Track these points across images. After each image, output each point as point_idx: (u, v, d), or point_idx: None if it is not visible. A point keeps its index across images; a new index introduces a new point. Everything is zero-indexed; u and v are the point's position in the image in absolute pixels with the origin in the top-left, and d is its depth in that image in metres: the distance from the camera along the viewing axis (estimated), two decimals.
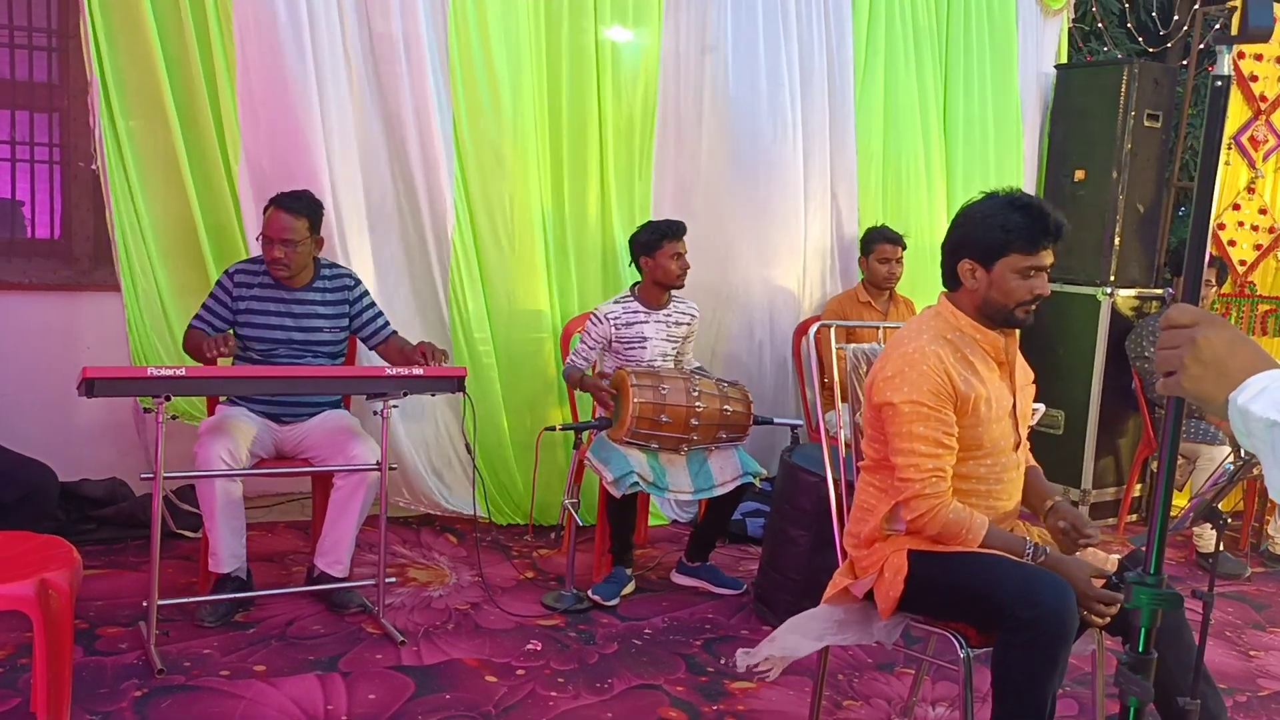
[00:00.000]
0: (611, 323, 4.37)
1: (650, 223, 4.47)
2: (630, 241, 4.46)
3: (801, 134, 5.37)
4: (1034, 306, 2.70)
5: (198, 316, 3.87)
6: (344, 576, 3.83)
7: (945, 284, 2.81)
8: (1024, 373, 2.87)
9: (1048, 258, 2.67)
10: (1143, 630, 1.54)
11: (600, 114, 4.96)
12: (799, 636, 2.78)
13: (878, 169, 5.68)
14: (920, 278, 5.50)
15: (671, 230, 4.37)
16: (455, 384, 3.67)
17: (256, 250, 4.16)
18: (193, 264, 4.37)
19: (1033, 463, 2.96)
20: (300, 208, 3.85)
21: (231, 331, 3.87)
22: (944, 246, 2.79)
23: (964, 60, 5.85)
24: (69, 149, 4.63)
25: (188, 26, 4.18)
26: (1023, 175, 6.03)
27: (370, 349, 4.11)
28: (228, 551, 3.69)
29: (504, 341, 4.86)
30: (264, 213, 3.91)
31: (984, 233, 2.68)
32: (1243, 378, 1.24)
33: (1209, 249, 5.68)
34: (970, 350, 2.71)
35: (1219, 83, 1.53)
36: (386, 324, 4.09)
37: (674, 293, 4.47)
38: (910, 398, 2.62)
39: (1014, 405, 2.77)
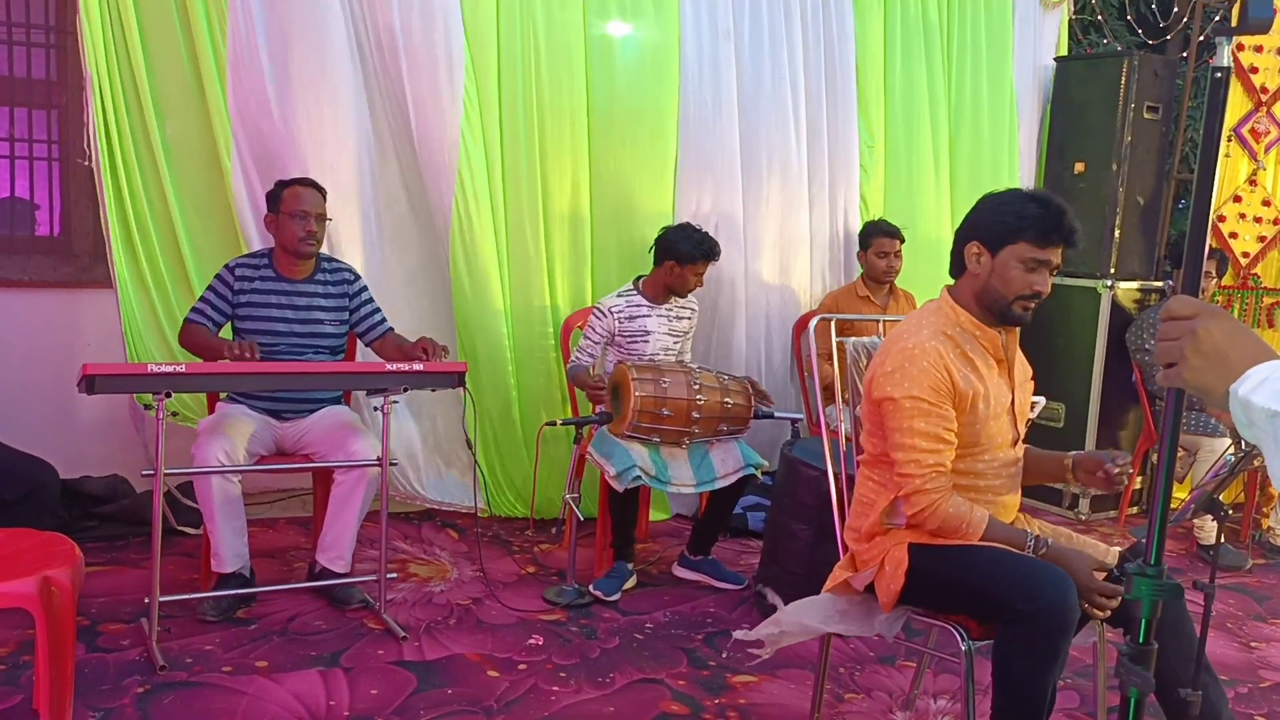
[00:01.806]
0: (615, 316, 4.37)
1: (694, 233, 4.37)
2: (663, 238, 4.41)
3: (805, 127, 5.36)
4: (1033, 304, 2.67)
5: (196, 310, 3.84)
6: (345, 572, 3.83)
7: (951, 271, 2.81)
8: (1023, 369, 2.87)
9: (1055, 256, 2.65)
10: (1143, 621, 1.54)
11: (611, 107, 4.95)
12: (801, 619, 2.79)
13: (880, 162, 5.67)
14: (924, 271, 5.50)
15: (712, 253, 4.36)
16: (455, 379, 3.66)
17: (253, 246, 4.18)
18: (187, 261, 4.37)
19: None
20: (315, 184, 3.92)
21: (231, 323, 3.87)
22: (957, 230, 2.79)
23: (960, 53, 5.84)
24: (68, 146, 4.63)
25: (180, 21, 4.17)
26: (1018, 168, 6.02)
27: (366, 345, 4.10)
28: (230, 551, 3.68)
29: (507, 336, 4.86)
30: (275, 197, 3.88)
31: (997, 217, 2.67)
32: (1243, 369, 1.24)
33: (1210, 241, 5.69)
34: (970, 347, 2.71)
35: (1218, 74, 1.53)
36: (384, 320, 4.08)
37: None
38: (910, 393, 2.62)
39: (1012, 402, 2.77)
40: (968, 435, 2.68)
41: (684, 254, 4.31)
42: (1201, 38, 6.02)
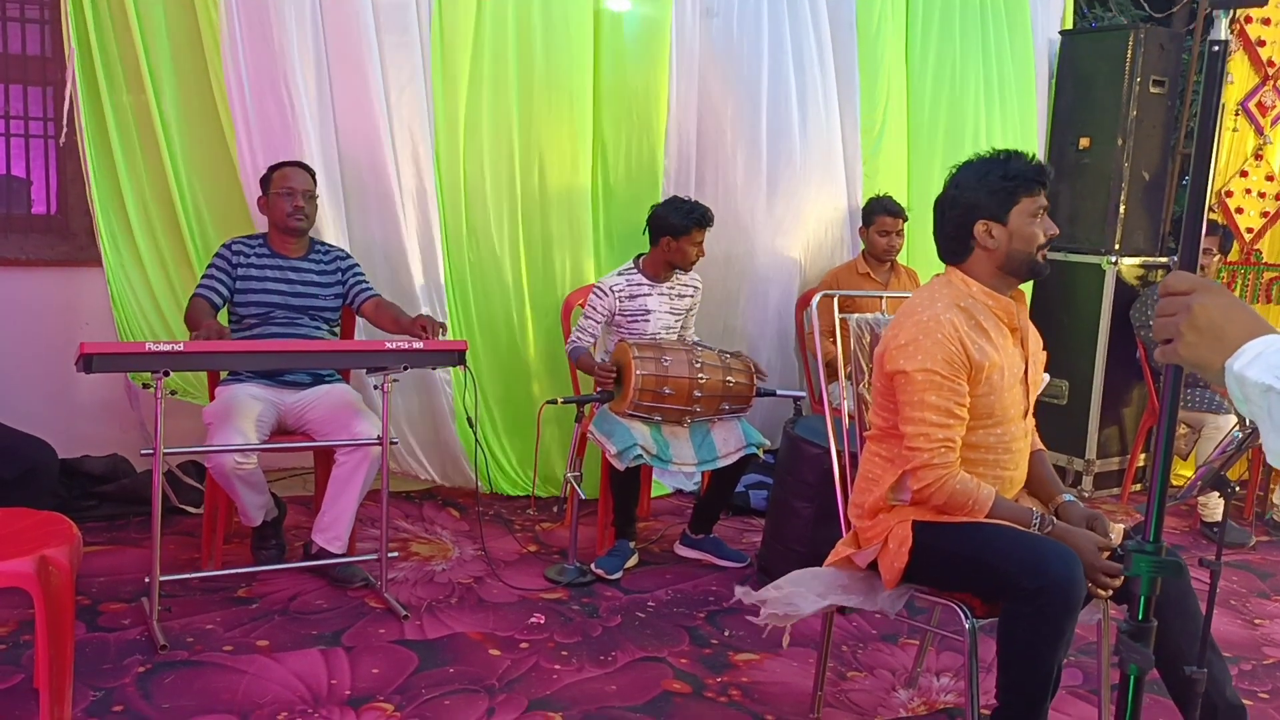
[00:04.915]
0: (616, 295, 4.34)
1: (682, 204, 4.33)
2: (654, 215, 4.37)
3: (806, 102, 5.31)
4: (1048, 249, 2.73)
5: (201, 285, 3.89)
6: (342, 553, 3.83)
7: (948, 259, 2.78)
8: (1035, 340, 2.86)
9: (1045, 198, 2.72)
10: (1142, 598, 1.53)
11: (605, 84, 4.91)
12: (805, 590, 2.78)
13: (893, 137, 5.61)
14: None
15: (704, 220, 4.31)
16: (456, 357, 3.66)
17: (257, 224, 4.17)
18: (178, 238, 4.35)
19: (1039, 445, 2.93)
20: (304, 165, 4.04)
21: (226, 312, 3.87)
22: (946, 222, 2.76)
23: (977, 25, 5.76)
24: (63, 123, 4.60)
25: None
26: (1037, 142, 5.97)
27: (358, 311, 4.11)
28: (256, 509, 3.81)
29: (505, 314, 4.84)
30: (267, 180, 3.98)
31: (987, 188, 2.68)
32: (1239, 344, 1.23)
33: (1216, 217, 5.66)
34: (984, 317, 2.70)
35: (1215, 48, 1.51)
36: (370, 286, 4.13)
37: None
38: (924, 366, 2.60)
39: (1025, 371, 2.76)
40: (981, 407, 2.66)
41: (677, 226, 4.28)
42: (1207, 11, 5.96)
